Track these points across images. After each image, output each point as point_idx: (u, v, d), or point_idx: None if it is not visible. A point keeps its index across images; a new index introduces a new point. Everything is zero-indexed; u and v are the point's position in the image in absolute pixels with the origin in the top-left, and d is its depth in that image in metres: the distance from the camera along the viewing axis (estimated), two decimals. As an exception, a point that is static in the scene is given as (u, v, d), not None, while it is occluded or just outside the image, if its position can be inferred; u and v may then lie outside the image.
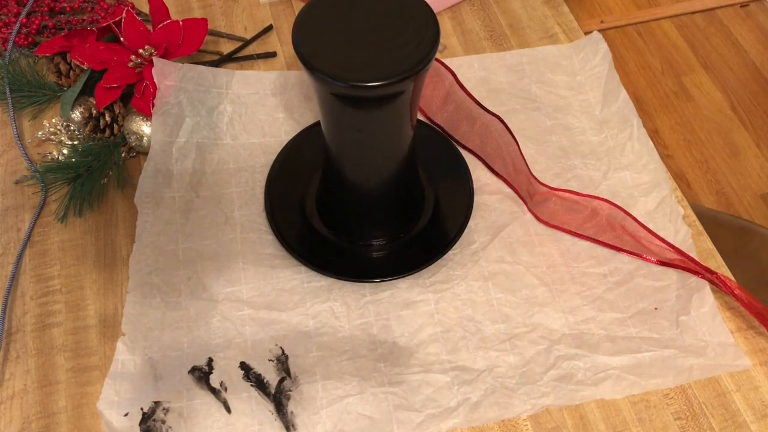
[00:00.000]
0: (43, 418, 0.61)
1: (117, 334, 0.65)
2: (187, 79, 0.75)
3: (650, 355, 0.64)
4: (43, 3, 0.84)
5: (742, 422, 0.62)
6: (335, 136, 0.62)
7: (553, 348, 0.65)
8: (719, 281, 0.66)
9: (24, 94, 0.78)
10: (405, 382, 0.62)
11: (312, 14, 0.56)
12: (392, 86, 0.53)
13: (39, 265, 0.69)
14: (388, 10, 0.56)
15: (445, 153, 0.76)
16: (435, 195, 0.73)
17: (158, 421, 0.60)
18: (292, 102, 0.79)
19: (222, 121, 0.77)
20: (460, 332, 0.65)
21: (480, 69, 0.83)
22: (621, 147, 0.77)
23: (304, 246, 0.69)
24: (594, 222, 0.70)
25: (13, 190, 0.73)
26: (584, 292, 0.68)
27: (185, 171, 0.73)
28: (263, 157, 0.75)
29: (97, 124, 0.75)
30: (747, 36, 1.83)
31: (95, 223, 0.71)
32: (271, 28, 0.86)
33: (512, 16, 0.88)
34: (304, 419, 0.60)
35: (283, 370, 0.63)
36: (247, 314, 0.66)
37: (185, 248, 0.69)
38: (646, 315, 0.67)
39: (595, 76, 0.82)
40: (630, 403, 0.63)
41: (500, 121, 0.72)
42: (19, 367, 0.63)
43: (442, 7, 0.88)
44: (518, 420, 0.62)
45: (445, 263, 0.69)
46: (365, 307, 0.67)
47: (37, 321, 0.66)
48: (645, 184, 0.75)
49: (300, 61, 0.54)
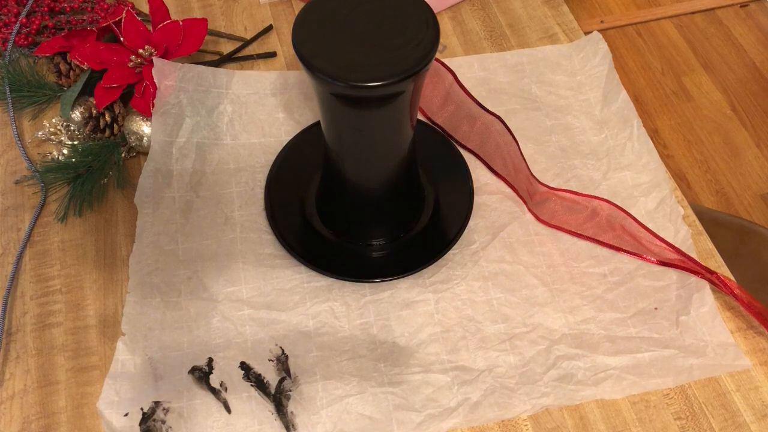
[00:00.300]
0: (43, 418, 0.61)
1: (117, 334, 0.65)
2: (187, 79, 0.75)
3: (650, 355, 0.64)
4: (43, 3, 0.84)
5: (742, 422, 0.62)
6: (335, 136, 0.62)
7: (553, 348, 0.65)
8: (719, 281, 0.66)
9: (24, 94, 0.78)
10: (405, 382, 0.62)
11: (312, 14, 0.56)
12: (392, 86, 0.53)
13: (39, 265, 0.69)
14: (388, 10, 0.56)
15: (445, 153, 0.76)
16: (435, 195, 0.73)
17: (158, 421, 0.60)
18: (292, 102, 0.79)
19: (222, 121, 0.77)
20: (460, 332, 0.65)
21: (480, 69, 0.83)
22: (621, 147, 0.77)
23: (304, 246, 0.69)
24: (594, 222, 0.70)
25: (13, 190, 0.73)
26: (584, 292, 0.68)
27: (185, 171, 0.73)
28: (263, 157, 0.75)
29: (97, 124, 0.75)
30: (747, 36, 1.83)
31: (95, 223, 0.71)
32: (271, 28, 0.86)
33: (512, 16, 0.88)
34: (304, 419, 0.60)
35: (283, 370, 0.63)
36: (247, 314, 0.66)
37: (185, 248, 0.69)
38: (646, 315, 0.67)
39: (595, 76, 0.82)
40: (630, 403, 0.63)
41: (500, 121, 0.72)
42: (19, 367, 0.63)
43: (442, 7, 0.88)
44: (518, 420, 0.62)
45: (445, 263, 0.69)
46: (365, 307, 0.67)
47: (37, 321, 0.66)
48: (645, 184, 0.75)
49: (300, 61, 0.54)
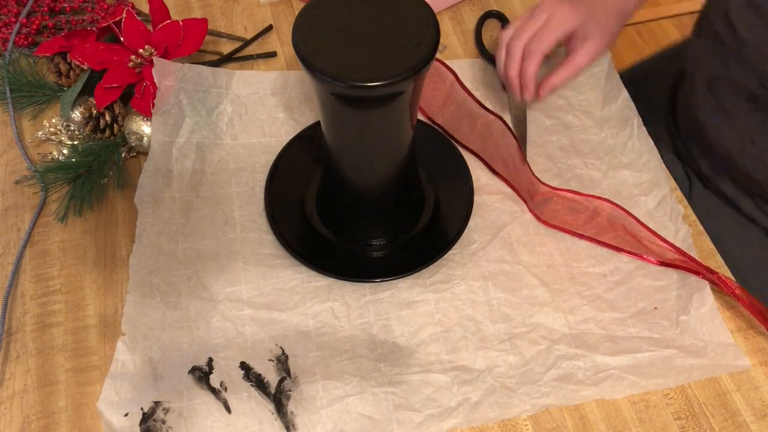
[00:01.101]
0: (43, 418, 0.61)
1: (117, 334, 0.65)
2: (187, 79, 0.75)
3: (650, 355, 0.64)
4: (43, 3, 0.84)
5: (742, 422, 0.62)
6: (335, 136, 0.62)
7: (553, 348, 0.65)
8: (719, 281, 0.66)
9: (24, 94, 0.78)
10: (405, 382, 0.62)
11: (312, 14, 0.56)
12: (392, 86, 0.53)
13: (39, 265, 0.69)
14: (388, 10, 0.56)
15: (446, 153, 0.76)
16: (435, 195, 0.73)
17: (158, 421, 0.60)
18: (292, 102, 0.79)
19: (222, 121, 0.77)
20: (460, 332, 0.65)
21: (480, 69, 0.83)
22: (621, 146, 0.77)
23: (304, 246, 0.69)
24: (595, 222, 0.70)
25: (13, 190, 0.73)
26: (584, 292, 0.68)
27: (185, 171, 0.73)
28: (263, 157, 0.75)
29: (97, 124, 0.74)
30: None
31: (95, 223, 0.71)
32: (271, 28, 0.86)
33: (512, 16, 0.88)
34: (304, 419, 0.60)
35: (283, 370, 0.63)
36: (247, 314, 0.66)
37: (185, 248, 0.69)
38: (646, 315, 0.67)
39: (595, 76, 0.82)
40: (630, 403, 0.63)
41: (501, 121, 0.72)
42: (19, 367, 0.63)
43: (442, 7, 0.88)
44: (518, 420, 0.62)
45: (445, 263, 0.69)
46: (365, 307, 0.67)
47: (37, 321, 0.66)
48: (645, 183, 0.75)
49: (300, 61, 0.54)
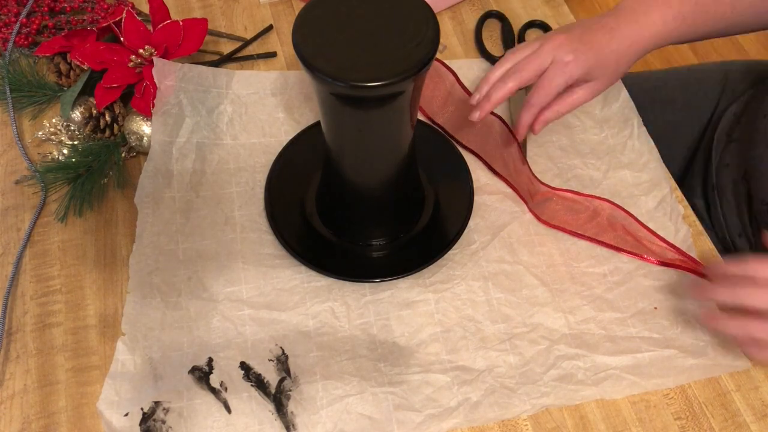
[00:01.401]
0: (43, 418, 0.61)
1: (117, 334, 0.65)
2: (187, 79, 0.75)
3: (650, 355, 0.64)
4: (43, 3, 0.84)
5: (742, 422, 0.62)
6: (335, 136, 0.62)
7: (553, 348, 0.65)
8: (719, 281, 0.66)
9: (24, 94, 0.78)
10: (405, 382, 0.62)
11: (312, 14, 0.56)
12: (392, 86, 0.53)
13: (39, 265, 0.69)
14: (388, 10, 0.56)
15: (446, 153, 0.76)
16: (435, 195, 0.73)
17: (158, 421, 0.60)
18: (292, 102, 0.79)
19: (222, 121, 0.77)
20: (460, 332, 0.65)
21: (480, 69, 0.83)
22: (621, 146, 0.77)
23: (304, 246, 0.69)
24: (595, 222, 0.70)
25: (13, 190, 0.73)
26: (584, 292, 0.68)
27: (185, 171, 0.73)
28: (263, 157, 0.75)
29: (97, 124, 0.74)
30: (747, 36, 1.83)
31: (95, 223, 0.71)
32: (271, 28, 0.86)
33: (512, 16, 0.88)
34: (304, 419, 0.60)
35: (283, 370, 0.63)
36: (247, 314, 0.66)
37: (185, 248, 0.69)
38: (646, 315, 0.67)
39: (595, 76, 0.82)
40: (630, 403, 0.63)
41: (501, 121, 0.72)
42: (19, 367, 0.63)
43: (442, 7, 0.88)
44: (518, 420, 0.62)
45: (445, 263, 0.69)
46: (365, 307, 0.67)
47: (37, 321, 0.66)
48: (645, 182, 0.75)
49: (300, 61, 0.54)
